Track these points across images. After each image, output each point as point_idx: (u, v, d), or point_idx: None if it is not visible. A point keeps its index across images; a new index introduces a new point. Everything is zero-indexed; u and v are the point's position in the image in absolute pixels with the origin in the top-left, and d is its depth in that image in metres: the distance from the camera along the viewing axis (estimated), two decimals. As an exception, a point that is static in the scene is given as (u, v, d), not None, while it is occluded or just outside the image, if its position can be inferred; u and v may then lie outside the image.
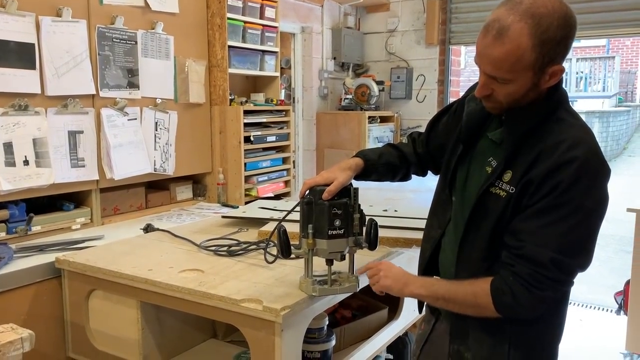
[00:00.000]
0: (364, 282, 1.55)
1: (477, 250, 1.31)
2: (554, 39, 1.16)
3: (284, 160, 3.56)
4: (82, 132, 2.43)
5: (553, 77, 1.22)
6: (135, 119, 2.68)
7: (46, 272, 1.94)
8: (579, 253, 1.21)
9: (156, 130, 2.80)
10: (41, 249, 2.09)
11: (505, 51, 1.16)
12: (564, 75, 1.27)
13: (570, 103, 1.31)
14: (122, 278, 1.72)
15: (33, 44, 2.21)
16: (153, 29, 2.74)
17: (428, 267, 1.48)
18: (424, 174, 1.71)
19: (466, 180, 1.38)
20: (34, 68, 2.22)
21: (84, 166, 2.44)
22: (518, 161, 1.24)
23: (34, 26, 2.21)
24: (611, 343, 3.54)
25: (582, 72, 14.79)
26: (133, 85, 2.66)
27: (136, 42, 2.65)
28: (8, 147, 2.15)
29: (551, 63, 1.19)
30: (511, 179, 1.24)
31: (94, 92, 2.47)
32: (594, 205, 1.19)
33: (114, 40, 2.55)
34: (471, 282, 1.31)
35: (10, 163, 2.16)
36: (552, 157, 1.19)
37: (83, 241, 2.20)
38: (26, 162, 2.21)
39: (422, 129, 1.68)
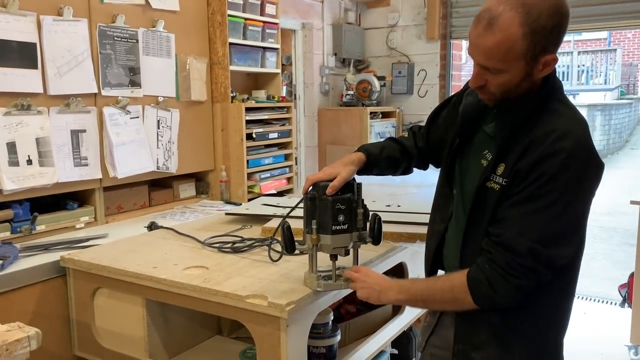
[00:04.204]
0: (368, 276, 1.55)
1: (480, 243, 1.31)
2: (546, 28, 1.16)
3: (286, 157, 3.56)
4: (84, 130, 2.43)
5: (546, 66, 1.21)
6: (138, 117, 2.69)
7: (51, 271, 1.94)
8: (558, 244, 1.20)
9: (158, 128, 2.80)
10: (46, 248, 2.09)
11: (496, 41, 1.16)
12: (565, 68, 1.26)
13: (564, 93, 1.30)
14: (127, 276, 1.72)
15: (35, 44, 2.21)
16: (154, 27, 2.74)
17: (434, 262, 1.49)
18: (425, 168, 1.72)
19: (465, 174, 1.38)
20: (35, 67, 2.22)
21: (87, 165, 2.45)
22: (510, 153, 1.24)
23: (35, 26, 2.21)
24: (615, 335, 3.55)
25: (583, 65, 14.71)
26: (135, 83, 2.66)
27: (137, 41, 2.65)
28: (11, 147, 2.16)
29: (543, 52, 1.19)
30: (504, 171, 1.24)
31: (95, 90, 2.47)
32: (577, 197, 1.19)
33: (115, 38, 2.55)
34: (447, 277, 1.33)
35: (14, 163, 2.16)
36: (540, 147, 1.18)
37: (87, 240, 2.20)
38: (29, 162, 2.22)
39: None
